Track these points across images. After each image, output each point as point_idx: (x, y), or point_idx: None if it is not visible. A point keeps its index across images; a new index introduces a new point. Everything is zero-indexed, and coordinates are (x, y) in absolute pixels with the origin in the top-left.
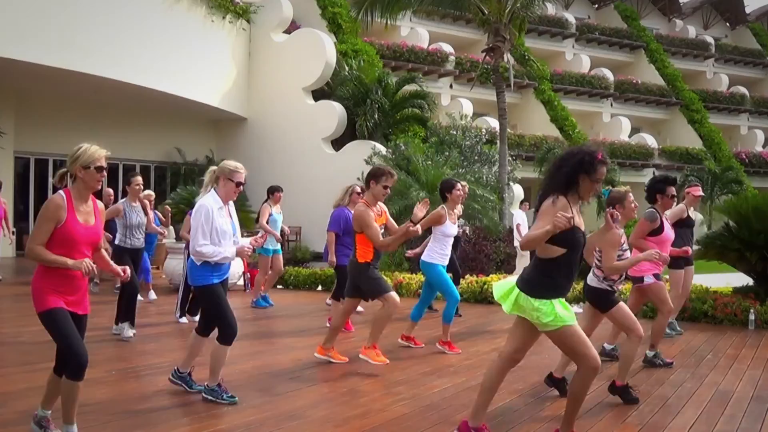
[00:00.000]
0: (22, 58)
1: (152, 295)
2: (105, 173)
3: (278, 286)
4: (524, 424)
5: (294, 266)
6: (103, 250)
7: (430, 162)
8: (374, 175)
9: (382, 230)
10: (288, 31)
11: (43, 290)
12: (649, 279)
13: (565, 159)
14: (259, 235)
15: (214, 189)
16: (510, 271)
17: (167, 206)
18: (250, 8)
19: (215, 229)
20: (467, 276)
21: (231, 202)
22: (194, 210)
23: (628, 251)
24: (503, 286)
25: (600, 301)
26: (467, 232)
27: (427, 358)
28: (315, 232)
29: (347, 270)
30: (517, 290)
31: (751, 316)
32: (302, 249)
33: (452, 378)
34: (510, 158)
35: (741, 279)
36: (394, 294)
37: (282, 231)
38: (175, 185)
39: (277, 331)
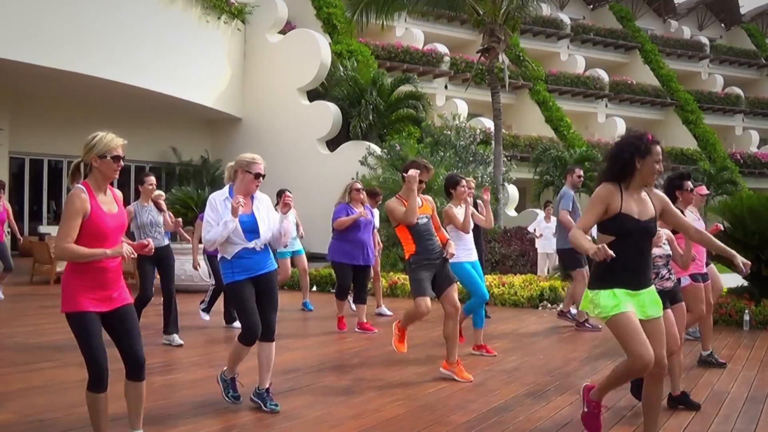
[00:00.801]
0: (17, 59)
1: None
2: (122, 163)
3: None
4: (520, 424)
5: (291, 266)
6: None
7: None
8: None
9: (425, 219)
10: (283, 32)
11: (75, 289)
12: (685, 281)
13: (619, 148)
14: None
15: (231, 185)
16: (505, 272)
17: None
18: (245, 9)
19: (220, 219)
20: None
21: (263, 198)
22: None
23: (667, 245)
24: None
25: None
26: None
27: (422, 359)
28: (310, 232)
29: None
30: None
31: (746, 317)
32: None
33: (447, 378)
34: (505, 159)
35: (736, 279)
36: (424, 299)
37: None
38: (171, 186)
39: None
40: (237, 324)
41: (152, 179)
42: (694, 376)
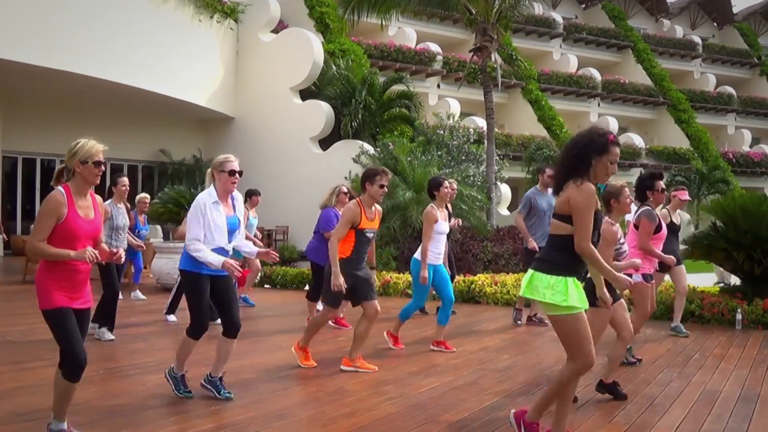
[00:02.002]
0: (9, 58)
1: (139, 294)
2: (103, 168)
3: (266, 285)
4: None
5: (281, 266)
6: (103, 244)
7: (417, 162)
8: (368, 177)
9: (373, 234)
10: (276, 31)
11: (48, 287)
12: (637, 278)
13: (575, 141)
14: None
15: (213, 185)
16: (498, 270)
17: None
18: (238, 8)
19: (208, 222)
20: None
21: (237, 197)
22: (191, 208)
23: (624, 244)
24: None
25: (592, 294)
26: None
27: (414, 358)
28: (302, 231)
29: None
30: (532, 271)
31: (738, 316)
32: (289, 248)
33: (439, 377)
34: (497, 158)
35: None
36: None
37: (255, 234)
38: (163, 185)
39: (264, 331)
40: (172, 318)
41: (125, 180)
42: (686, 375)
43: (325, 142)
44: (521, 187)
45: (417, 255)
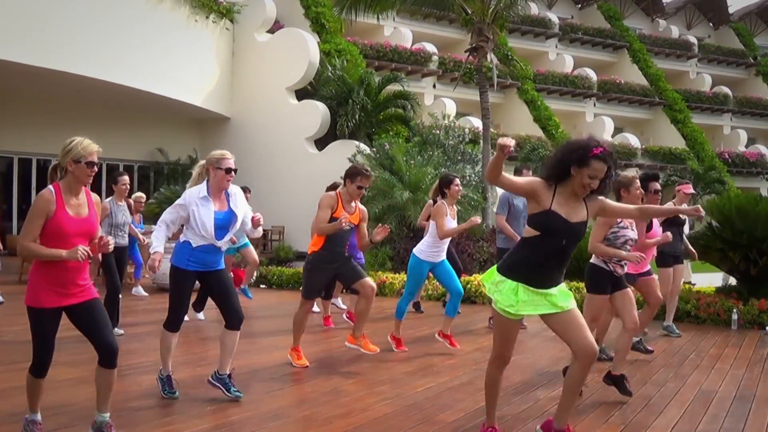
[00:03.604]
0: (5, 58)
1: (141, 290)
2: (96, 169)
3: (261, 285)
4: (507, 423)
5: (277, 266)
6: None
7: (413, 162)
8: (350, 175)
9: (351, 226)
10: (271, 31)
11: (38, 286)
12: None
13: (561, 147)
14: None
15: (207, 182)
16: None
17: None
18: (234, 8)
19: (195, 219)
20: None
21: (236, 192)
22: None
23: (628, 229)
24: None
25: (590, 281)
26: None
27: (410, 358)
28: (298, 231)
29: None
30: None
31: (734, 316)
32: (285, 248)
33: (435, 377)
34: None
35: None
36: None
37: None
38: (159, 185)
39: (260, 331)
40: (200, 316)
41: (126, 179)
42: (682, 375)
43: (321, 143)
44: None
45: (416, 250)
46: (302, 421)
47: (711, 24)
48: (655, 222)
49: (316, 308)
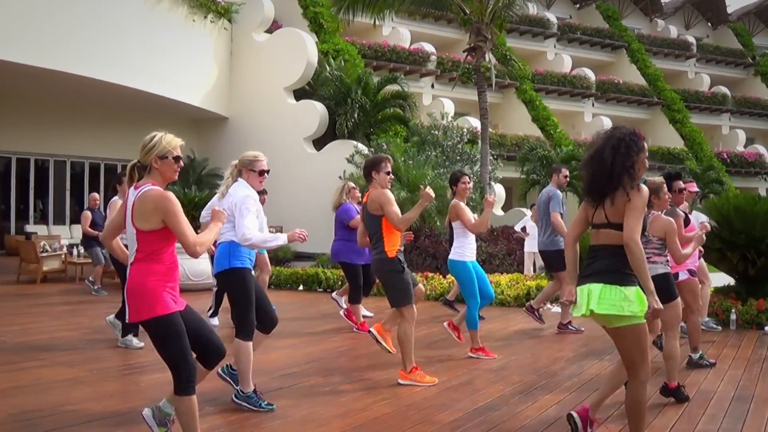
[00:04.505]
0: (3, 58)
1: None
2: (182, 163)
3: None
4: (506, 424)
5: (275, 266)
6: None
7: (411, 162)
8: (373, 165)
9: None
10: (269, 31)
11: (157, 292)
12: (683, 275)
13: (611, 146)
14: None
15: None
16: (492, 271)
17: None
18: (232, 8)
19: (260, 216)
20: (447, 276)
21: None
22: (240, 200)
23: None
24: (582, 298)
25: (667, 289)
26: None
27: None
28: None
29: (372, 270)
30: (598, 287)
31: (733, 316)
32: (284, 248)
33: (433, 378)
34: (491, 158)
35: (722, 279)
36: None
37: None
38: None
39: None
40: (214, 321)
41: None
42: (681, 375)
43: (320, 143)
44: (515, 187)
45: (455, 256)
46: (300, 421)
47: (709, 24)
48: (692, 217)
49: (365, 312)
